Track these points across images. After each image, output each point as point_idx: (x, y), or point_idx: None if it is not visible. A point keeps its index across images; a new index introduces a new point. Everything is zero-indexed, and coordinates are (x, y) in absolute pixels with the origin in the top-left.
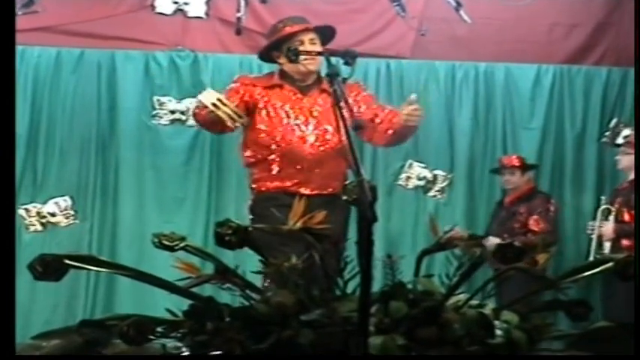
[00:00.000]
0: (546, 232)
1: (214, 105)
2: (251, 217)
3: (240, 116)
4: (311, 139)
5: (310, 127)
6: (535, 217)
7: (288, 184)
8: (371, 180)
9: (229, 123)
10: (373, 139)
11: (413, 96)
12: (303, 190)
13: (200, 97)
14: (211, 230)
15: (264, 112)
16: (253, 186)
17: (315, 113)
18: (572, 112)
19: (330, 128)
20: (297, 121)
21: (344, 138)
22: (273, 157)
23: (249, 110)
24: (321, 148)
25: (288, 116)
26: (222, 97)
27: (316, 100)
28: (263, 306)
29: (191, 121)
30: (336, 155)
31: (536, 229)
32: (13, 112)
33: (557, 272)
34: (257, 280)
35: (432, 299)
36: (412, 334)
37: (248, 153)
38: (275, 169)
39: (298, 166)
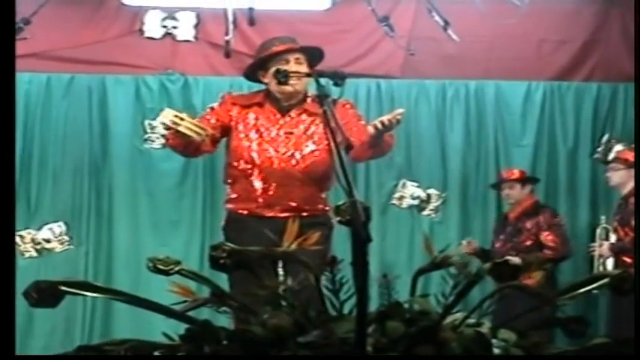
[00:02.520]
0: (559, 246)
1: (174, 122)
2: (223, 236)
3: (202, 128)
4: (281, 160)
5: (282, 149)
6: (546, 232)
7: (256, 205)
8: (364, 200)
9: (195, 136)
10: (353, 155)
11: (400, 110)
12: (269, 212)
13: (159, 117)
14: (207, 252)
15: (240, 132)
16: (227, 206)
17: (290, 134)
18: (563, 128)
19: (306, 149)
20: (272, 142)
21: (335, 159)
22: (244, 177)
23: (225, 130)
24: (291, 170)
25: (262, 136)
26: (178, 113)
27: (295, 122)
28: (260, 328)
29: None
30: (307, 178)
31: (551, 244)
32: (13, 139)
33: (555, 288)
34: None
35: (428, 318)
36: (410, 354)
37: (226, 172)
38: (247, 189)
39: (267, 187)
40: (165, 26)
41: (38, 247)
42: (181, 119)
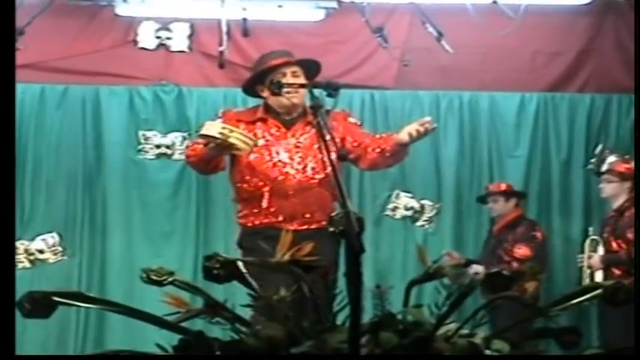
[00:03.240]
0: (531, 259)
1: (222, 134)
2: (240, 251)
3: (251, 138)
4: (296, 173)
5: (295, 162)
6: (519, 244)
7: (275, 220)
8: (358, 211)
9: (244, 147)
10: (372, 164)
11: (428, 118)
12: (290, 226)
13: (204, 130)
14: (200, 263)
15: None
16: (240, 221)
17: (300, 147)
18: (557, 139)
19: (314, 162)
20: (281, 156)
21: (329, 169)
22: (259, 193)
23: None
24: (307, 182)
25: (271, 152)
26: (225, 125)
27: (301, 134)
28: (253, 339)
29: (177, 155)
30: (323, 188)
31: (519, 256)
32: (13, 150)
33: (547, 299)
34: (247, 314)
35: (422, 329)
36: None
37: (235, 189)
38: (262, 205)
39: (284, 202)
40: (159, 37)
41: (31, 257)
42: (231, 130)
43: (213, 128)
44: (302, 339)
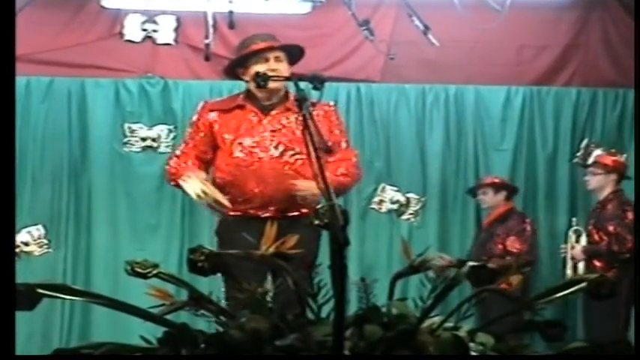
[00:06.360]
0: (523, 253)
1: (199, 196)
2: (217, 239)
3: (223, 204)
4: (270, 160)
5: (270, 149)
6: (512, 237)
7: (250, 206)
8: (343, 204)
9: (220, 208)
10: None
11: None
12: (266, 213)
13: (185, 186)
14: (185, 256)
15: (225, 138)
16: None
17: (276, 134)
18: (543, 133)
19: (292, 148)
20: (256, 143)
21: (314, 162)
22: (238, 181)
23: (214, 143)
24: (282, 169)
25: (245, 139)
26: (205, 187)
27: (279, 120)
28: (237, 332)
29: (163, 148)
30: (300, 175)
31: (513, 250)
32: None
33: (533, 293)
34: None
35: (406, 322)
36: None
37: (216, 176)
38: (241, 192)
39: (259, 189)
40: (145, 29)
41: (17, 250)
42: (206, 194)
43: (193, 188)
44: (286, 332)
